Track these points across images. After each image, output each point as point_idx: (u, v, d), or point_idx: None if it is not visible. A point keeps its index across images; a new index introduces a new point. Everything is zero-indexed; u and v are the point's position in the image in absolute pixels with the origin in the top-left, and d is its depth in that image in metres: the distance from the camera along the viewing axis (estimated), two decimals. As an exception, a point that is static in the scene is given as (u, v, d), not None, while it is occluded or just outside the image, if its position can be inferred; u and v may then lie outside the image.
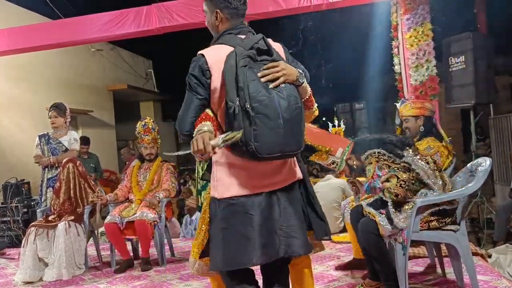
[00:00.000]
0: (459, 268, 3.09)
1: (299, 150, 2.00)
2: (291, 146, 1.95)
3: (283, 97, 1.91)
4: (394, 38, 5.78)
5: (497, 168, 5.98)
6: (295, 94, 1.96)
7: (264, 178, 2.03)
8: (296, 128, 1.94)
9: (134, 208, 4.43)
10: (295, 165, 2.15)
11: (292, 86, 1.97)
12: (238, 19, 2.14)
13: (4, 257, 5.46)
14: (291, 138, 1.92)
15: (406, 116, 3.63)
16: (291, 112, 1.91)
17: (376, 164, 2.91)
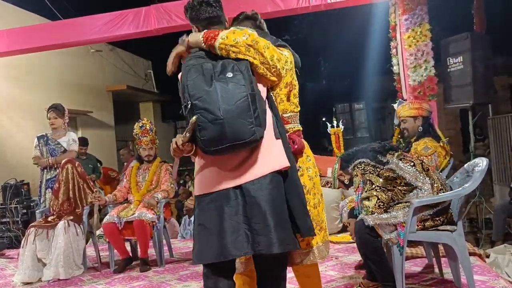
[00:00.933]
0: (457, 268, 3.10)
1: (251, 138, 1.91)
2: (240, 135, 1.90)
3: (226, 87, 1.91)
4: (393, 38, 5.79)
5: (496, 168, 5.99)
6: (241, 82, 1.93)
7: (230, 173, 2.02)
8: (242, 116, 1.89)
9: (133, 208, 4.44)
10: (267, 157, 2.03)
11: (243, 75, 1.95)
12: (203, 24, 2.24)
13: (3, 258, 5.46)
14: (237, 127, 1.89)
15: (404, 116, 3.65)
16: (233, 101, 1.89)
17: (361, 177, 2.94)
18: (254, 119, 1.91)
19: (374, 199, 2.84)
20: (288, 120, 2.34)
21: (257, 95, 1.97)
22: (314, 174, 2.35)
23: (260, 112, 1.95)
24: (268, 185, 2.01)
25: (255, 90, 1.97)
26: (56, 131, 4.95)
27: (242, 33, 2.02)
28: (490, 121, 6.06)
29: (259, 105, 1.95)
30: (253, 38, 2.02)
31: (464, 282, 3.06)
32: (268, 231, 1.95)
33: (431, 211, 2.84)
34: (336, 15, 10.10)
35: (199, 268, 4.26)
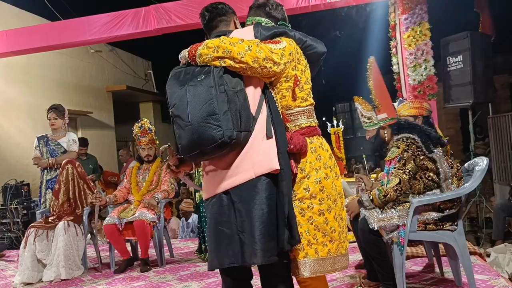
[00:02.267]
0: (457, 268, 3.10)
1: (219, 143, 1.83)
2: (207, 140, 1.84)
3: (195, 89, 1.87)
4: (392, 38, 5.80)
5: (496, 167, 5.98)
6: (209, 84, 1.86)
7: (221, 178, 1.98)
8: (208, 121, 1.83)
9: (133, 209, 4.44)
10: (255, 159, 1.93)
11: (213, 75, 1.87)
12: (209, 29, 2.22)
13: (3, 259, 5.46)
14: (203, 131, 1.83)
15: (405, 115, 3.64)
16: (200, 105, 1.84)
17: (401, 152, 2.86)
18: (222, 121, 1.82)
19: (396, 180, 2.80)
20: (290, 117, 2.13)
21: (230, 95, 1.87)
22: (323, 176, 2.08)
23: (232, 113, 1.85)
24: (255, 191, 1.92)
25: (228, 90, 1.87)
26: (56, 131, 4.95)
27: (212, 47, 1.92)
28: (490, 120, 6.05)
29: (231, 105, 1.85)
30: (224, 49, 1.90)
31: (464, 281, 3.06)
32: (250, 242, 1.88)
33: (436, 216, 2.85)
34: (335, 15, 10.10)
35: (199, 268, 4.27)
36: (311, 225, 2.05)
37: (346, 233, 2.16)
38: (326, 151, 2.15)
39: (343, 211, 2.17)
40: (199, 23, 2.33)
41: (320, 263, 2.04)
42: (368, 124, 3.14)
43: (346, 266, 2.17)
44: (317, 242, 2.05)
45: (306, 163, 2.08)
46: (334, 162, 2.18)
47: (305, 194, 2.06)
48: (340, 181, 2.18)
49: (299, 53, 2.14)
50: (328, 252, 2.06)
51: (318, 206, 2.06)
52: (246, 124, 1.90)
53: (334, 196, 2.11)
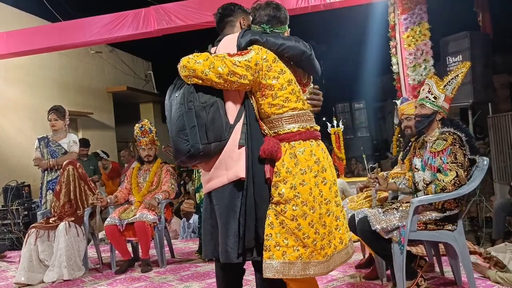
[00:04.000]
0: (457, 267, 3.11)
1: (188, 155, 2.02)
2: (179, 153, 2.06)
3: (173, 105, 2.08)
4: (392, 38, 5.81)
5: (496, 167, 5.98)
6: (181, 101, 2.03)
7: (205, 181, 2.20)
8: (179, 135, 2.03)
9: (134, 210, 4.45)
10: (227, 166, 2.08)
11: (183, 93, 2.04)
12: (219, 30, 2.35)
13: (4, 259, 5.47)
14: (176, 145, 2.05)
15: (409, 114, 3.60)
16: (174, 121, 2.05)
17: (449, 145, 2.85)
18: (189, 136, 2.00)
19: (452, 174, 2.77)
20: (269, 124, 2.15)
21: (197, 110, 2.02)
22: (299, 182, 2.05)
23: (199, 127, 2.01)
24: (226, 195, 2.09)
25: (196, 106, 2.02)
26: (57, 132, 4.96)
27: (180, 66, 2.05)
28: (490, 120, 6.04)
29: (198, 120, 2.01)
30: (190, 68, 2.01)
31: (464, 281, 3.07)
32: (222, 242, 2.07)
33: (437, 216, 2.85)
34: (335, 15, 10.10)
35: (200, 268, 4.28)
36: (282, 229, 2.04)
37: (331, 238, 2.11)
38: (310, 155, 2.11)
39: (328, 217, 2.10)
40: (199, 24, 2.38)
41: (286, 266, 2.01)
42: (431, 102, 3.05)
43: (325, 273, 2.13)
44: (287, 246, 2.03)
45: (282, 168, 2.07)
46: (323, 167, 2.12)
47: (280, 199, 2.05)
48: (327, 186, 2.12)
49: (269, 60, 2.09)
50: (298, 257, 2.03)
51: (291, 211, 2.03)
52: (216, 135, 2.04)
53: (312, 203, 2.06)
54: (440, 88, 3.07)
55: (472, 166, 2.91)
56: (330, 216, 2.11)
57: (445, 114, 3.06)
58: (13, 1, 8.45)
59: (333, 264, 2.12)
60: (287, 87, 2.12)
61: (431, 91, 3.07)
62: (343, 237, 2.17)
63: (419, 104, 3.11)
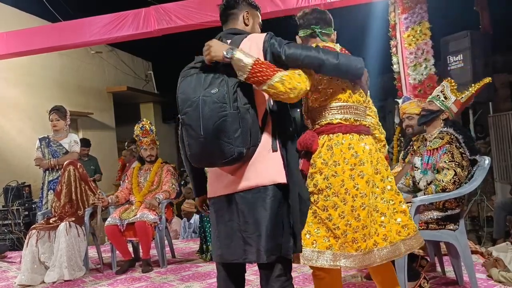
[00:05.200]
0: (459, 266, 3.11)
1: (230, 159, 1.91)
2: (219, 156, 1.92)
3: (208, 103, 1.88)
4: (392, 37, 5.79)
5: (497, 166, 5.97)
6: (223, 100, 1.88)
7: (225, 181, 2.06)
8: (220, 137, 1.88)
9: (135, 210, 4.45)
10: (258, 170, 2.00)
11: (228, 91, 1.89)
12: (222, 23, 2.26)
13: (5, 260, 5.47)
14: (216, 147, 1.90)
15: (411, 113, 3.60)
16: (213, 121, 1.87)
17: (446, 144, 2.87)
18: (234, 140, 1.88)
19: (451, 173, 2.77)
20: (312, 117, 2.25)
21: (242, 112, 1.90)
22: (331, 174, 2.09)
23: (243, 130, 1.90)
24: (260, 197, 1.99)
25: (240, 107, 1.90)
26: (58, 132, 4.96)
27: (290, 86, 1.93)
28: (491, 119, 6.03)
29: (243, 123, 1.89)
30: (298, 90, 1.95)
31: (466, 280, 3.07)
32: (254, 242, 1.97)
33: (439, 216, 2.85)
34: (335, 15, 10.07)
35: (201, 268, 4.28)
36: (315, 218, 2.10)
37: (364, 233, 2.07)
38: (347, 148, 2.12)
39: (363, 210, 2.07)
40: (199, 24, 2.36)
41: (315, 254, 2.05)
42: (440, 100, 3.10)
43: (357, 267, 2.12)
44: (318, 235, 2.07)
45: (318, 159, 2.13)
46: (361, 161, 2.11)
47: (314, 189, 2.12)
48: (364, 180, 2.10)
49: None
50: (328, 247, 2.06)
51: (322, 201, 2.09)
52: (254, 139, 1.96)
53: (344, 195, 2.07)
54: (453, 91, 3.12)
55: (472, 167, 2.91)
56: (365, 210, 2.08)
57: (450, 116, 3.08)
58: (13, 1, 8.45)
59: (369, 261, 2.09)
60: (327, 82, 2.17)
61: (444, 91, 3.13)
62: (388, 234, 2.12)
63: (429, 101, 3.18)
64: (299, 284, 3.47)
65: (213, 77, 1.93)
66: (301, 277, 3.64)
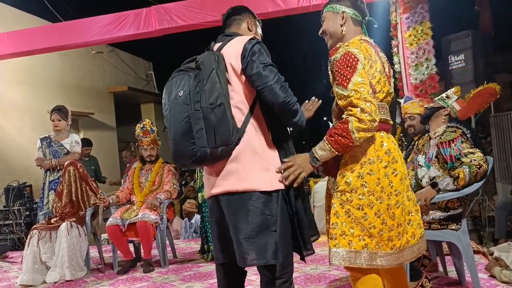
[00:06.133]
0: (461, 266, 3.10)
1: (193, 159, 1.94)
2: (184, 156, 1.98)
3: (176, 106, 1.95)
4: (394, 37, 5.79)
5: (499, 166, 5.97)
6: (186, 101, 1.93)
7: (211, 182, 2.09)
8: (185, 138, 1.92)
9: (136, 210, 4.44)
10: (242, 173, 2.00)
11: (189, 93, 1.93)
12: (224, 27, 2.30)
13: (6, 260, 5.47)
14: (182, 149, 1.95)
15: (413, 113, 3.60)
16: (179, 123, 1.93)
17: (459, 136, 2.90)
18: (196, 140, 1.91)
19: (479, 154, 2.80)
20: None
21: (206, 112, 1.91)
22: (366, 172, 2.03)
23: (207, 130, 1.91)
24: (243, 202, 1.99)
25: (203, 107, 1.91)
26: (59, 133, 4.95)
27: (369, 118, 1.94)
28: (492, 119, 6.03)
29: (206, 123, 1.91)
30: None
31: (468, 280, 3.06)
32: (238, 247, 1.99)
33: (441, 216, 2.85)
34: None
35: (202, 268, 4.27)
36: (348, 218, 2.02)
37: (401, 232, 2.06)
38: (380, 146, 2.08)
39: (397, 209, 2.05)
40: (200, 24, 2.38)
41: (352, 255, 2.01)
42: (442, 99, 3.12)
43: (394, 266, 2.08)
44: (353, 235, 2.02)
45: (349, 157, 2.07)
46: (394, 159, 2.08)
47: (346, 187, 2.04)
48: (398, 178, 2.07)
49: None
50: (364, 247, 2.02)
51: (357, 200, 2.02)
52: (223, 138, 1.94)
53: (379, 193, 2.03)
54: (457, 92, 3.15)
55: None
56: (400, 208, 2.07)
57: (453, 113, 3.10)
58: (14, 1, 8.45)
59: (403, 258, 2.08)
60: (376, 76, 2.09)
61: (447, 94, 3.17)
62: (415, 232, 2.13)
63: (432, 100, 3.22)
64: (300, 284, 3.47)
65: (184, 79, 1.98)
66: (303, 277, 3.63)
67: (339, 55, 2.07)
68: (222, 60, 2.02)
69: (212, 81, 1.94)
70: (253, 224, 1.96)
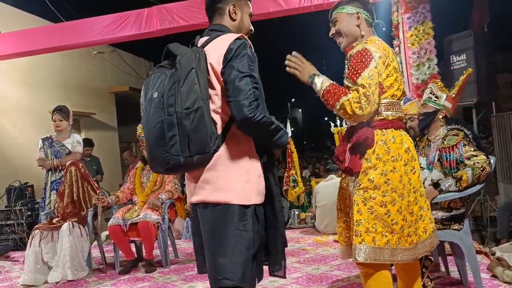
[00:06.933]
0: (463, 267, 3.10)
1: (166, 168, 1.78)
2: (157, 164, 1.83)
3: (150, 109, 1.79)
4: (395, 37, 5.79)
5: (500, 166, 5.96)
6: (159, 105, 1.75)
7: (190, 190, 1.97)
8: (159, 145, 1.76)
9: (138, 210, 4.44)
10: (213, 183, 1.84)
11: (163, 96, 1.75)
12: (208, 18, 2.09)
13: (8, 260, 5.47)
14: (156, 155, 1.79)
15: (413, 114, 3.60)
16: (152, 127, 1.77)
17: (462, 139, 2.91)
18: (169, 147, 1.74)
19: (482, 156, 2.80)
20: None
21: (180, 118, 1.72)
22: (390, 169, 2.07)
23: (180, 138, 1.73)
24: (214, 215, 1.85)
25: (178, 112, 1.72)
26: (60, 133, 4.96)
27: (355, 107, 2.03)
28: (494, 119, 6.02)
29: (180, 129, 1.73)
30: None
31: (470, 280, 3.06)
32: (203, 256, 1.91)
33: (444, 216, 2.85)
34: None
35: (204, 268, 4.26)
36: (371, 215, 2.07)
37: (417, 227, 2.14)
38: (401, 144, 2.13)
39: (415, 205, 2.13)
40: (201, 24, 2.33)
41: (376, 251, 2.06)
42: (433, 101, 3.13)
43: (411, 260, 2.13)
44: (376, 231, 2.06)
45: (372, 155, 2.10)
46: (413, 157, 2.15)
47: (369, 185, 2.08)
48: (416, 175, 2.15)
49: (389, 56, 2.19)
50: (386, 243, 2.06)
51: (380, 197, 2.07)
52: (199, 147, 1.76)
53: (401, 190, 2.09)
54: (442, 89, 3.14)
55: None
56: (417, 205, 2.15)
57: (448, 113, 3.10)
58: (15, 1, 8.46)
59: (418, 253, 2.15)
60: (393, 74, 2.17)
61: (433, 92, 3.16)
62: (427, 227, 2.20)
63: (422, 104, 3.21)
64: (302, 284, 3.47)
65: (161, 77, 1.82)
66: (305, 277, 3.63)
67: (355, 50, 2.14)
68: (204, 58, 1.83)
69: (190, 82, 1.75)
70: (227, 239, 1.80)
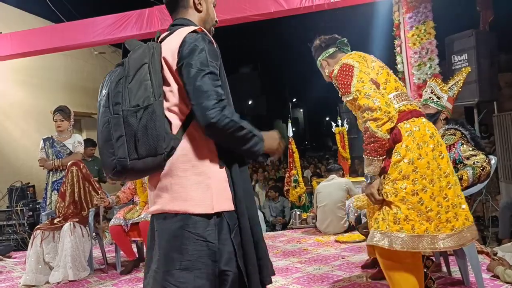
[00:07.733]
0: (465, 267, 3.09)
1: (113, 172, 1.62)
2: (107, 168, 1.66)
3: (100, 108, 1.67)
4: (397, 36, 5.79)
5: (502, 166, 5.95)
6: (106, 103, 1.63)
7: (150, 199, 1.79)
8: (106, 146, 1.62)
9: (139, 210, 4.44)
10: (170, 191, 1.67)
11: (108, 94, 1.63)
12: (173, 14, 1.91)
13: (10, 260, 5.48)
14: (104, 158, 1.65)
15: None
16: (100, 127, 1.65)
17: (459, 139, 2.92)
18: (116, 149, 1.59)
19: (481, 156, 2.81)
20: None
21: (126, 116, 1.58)
22: (416, 157, 2.10)
23: (127, 138, 1.59)
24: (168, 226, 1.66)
25: (124, 110, 1.59)
26: (62, 133, 4.96)
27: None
28: (495, 119, 6.01)
29: (127, 129, 1.58)
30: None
31: (472, 280, 3.05)
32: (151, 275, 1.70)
33: None
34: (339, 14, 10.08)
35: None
36: (404, 205, 2.09)
37: (454, 212, 2.13)
38: (425, 130, 2.17)
39: (449, 190, 2.13)
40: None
41: (415, 239, 2.06)
42: (435, 102, 3.14)
43: (456, 246, 2.14)
44: (414, 220, 2.08)
45: (401, 147, 2.14)
46: (438, 141, 2.18)
47: (398, 176, 2.11)
48: (445, 160, 2.16)
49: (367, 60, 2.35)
50: (425, 231, 2.07)
51: (411, 186, 2.09)
52: (149, 148, 1.59)
53: (431, 176, 2.11)
54: (443, 89, 3.13)
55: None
56: (452, 189, 2.15)
57: (448, 114, 3.11)
58: (17, 2, 8.47)
59: (465, 239, 2.14)
60: (382, 70, 2.30)
61: (434, 92, 3.16)
62: (468, 214, 2.20)
63: (423, 105, 3.20)
64: (303, 284, 3.46)
65: (109, 76, 1.69)
66: (306, 277, 3.63)
67: (336, 70, 2.30)
68: (158, 53, 1.68)
69: (140, 78, 1.61)
70: (187, 254, 1.61)
